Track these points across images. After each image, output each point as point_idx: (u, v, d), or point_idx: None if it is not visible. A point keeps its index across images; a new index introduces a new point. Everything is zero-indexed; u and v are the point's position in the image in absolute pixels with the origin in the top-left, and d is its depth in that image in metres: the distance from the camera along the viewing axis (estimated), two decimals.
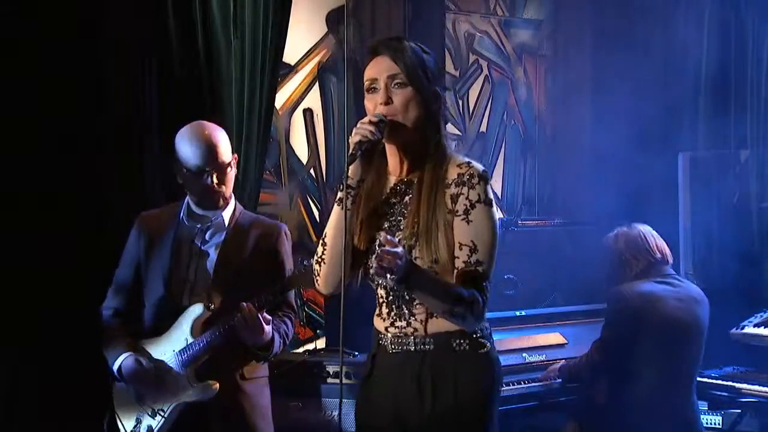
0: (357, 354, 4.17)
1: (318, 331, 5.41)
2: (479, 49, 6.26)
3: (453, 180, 2.56)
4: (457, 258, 2.54)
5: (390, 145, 2.64)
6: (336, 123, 5.55)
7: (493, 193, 2.62)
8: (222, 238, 3.41)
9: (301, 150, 5.48)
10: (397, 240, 2.52)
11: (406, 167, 2.65)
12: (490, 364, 2.62)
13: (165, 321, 3.36)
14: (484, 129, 6.29)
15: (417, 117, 2.59)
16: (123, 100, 4.02)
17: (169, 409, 3.32)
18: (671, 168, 5.49)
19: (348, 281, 2.66)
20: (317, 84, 5.51)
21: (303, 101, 5.47)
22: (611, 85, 5.64)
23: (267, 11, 4.35)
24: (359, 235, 2.65)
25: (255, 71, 4.34)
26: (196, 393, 3.30)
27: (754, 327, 4.76)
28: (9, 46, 3.81)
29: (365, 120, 2.55)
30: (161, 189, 3.98)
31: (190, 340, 3.30)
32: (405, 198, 2.63)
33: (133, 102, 4.04)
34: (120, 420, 3.41)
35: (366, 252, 2.64)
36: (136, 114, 4.04)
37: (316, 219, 5.51)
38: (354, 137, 2.53)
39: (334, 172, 5.55)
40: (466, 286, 2.50)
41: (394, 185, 2.67)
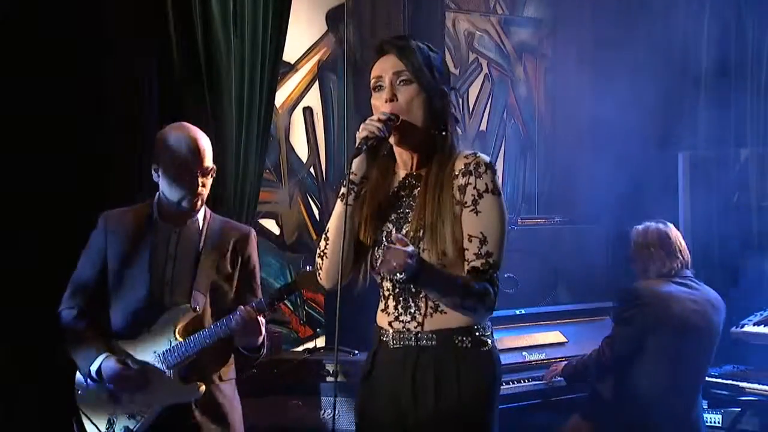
0: (356, 352, 4.18)
1: (318, 330, 5.41)
2: (479, 48, 6.26)
3: (460, 170, 2.58)
4: (467, 250, 2.55)
5: (397, 144, 2.64)
6: (336, 121, 5.55)
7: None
8: (199, 239, 3.38)
9: (301, 148, 5.48)
10: (405, 232, 2.56)
11: (414, 163, 2.66)
12: (491, 361, 2.63)
13: (143, 322, 3.31)
14: (484, 127, 6.29)
15: (422, 114, 2.59)
16: (123, 100, 4.02)
17: (150, 410, 3.28)
18: (671, 167, 5.49)
19: (351, 275, 2.67)
20: (317, 82, 5.51)
21: (303, 100, 5.47)
22: (611, 84, 5.64)
23: (267, 10, 4.36)
24: (365, 228, 2.65)
25: (255, 70, 4.34)
26: (181, 395, 3.27)
27: (754, 325, 4.77)
28: (9, 46, 3.81)
29: (374, 117, 2.56)
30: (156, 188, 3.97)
31: (174, 341, 3.26)
32: (414, 191, 2.64)
33: (133, 102, 4.04)
34: (90, 420, 3.34)
35: (372, 245, 2.65)
36: (136, 114, 4.04)
37: (315, 217, 5.51)
38: (361, 132, 2.54)
39: (334, 170, 5.55)
40: (477, 278, 2.52)
41: (402, 179, 2.68)
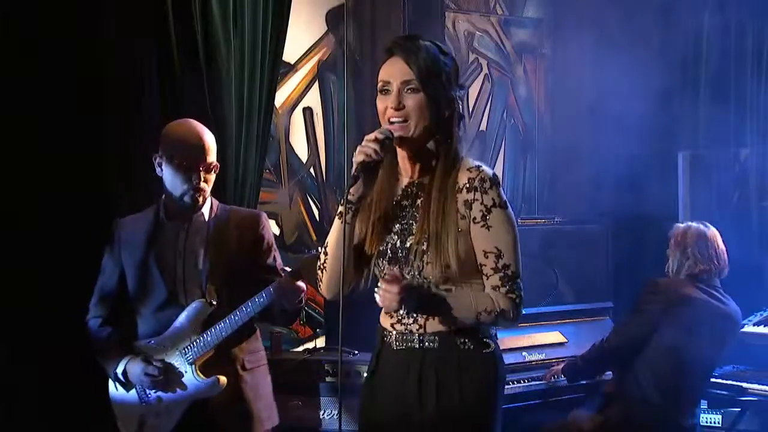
0: (357, 353, 4.18)
1: (318, 330, 5.41)
2: (479, 48, 6.26)
3: (464, 185, 2.57)
4: (484, 266, 2.57)
5: (401, 150, 2.64)
6: (336, 122, 5.55)
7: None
8: (206, 234, 3.40)
9: (301, 149, 5.48)
10: (409, 245, 2.57)
11: (417, 169, 2.66)
12: (494, 363, 2.64)
13: (164, 322, 3.37)
14: (483, 128, 6.29)
15: (428, 123, 2.58)
16: (123, 100, 4.02)
17: (176, 408, 3.33)
18: (671, 167, 5.49)
19: (352, 285, 2.69)
20: (317, 82, 5.51)
21: (303, 100, 5.47)
22: (611, 84, 5.64)
23: (267, 10, 4.36)
24: (370, 238, 2.65)
25: (255, 70, 4.34)
26: (203, 389, 3.31)
27: (753, 326, 4.77)
28: (9, 46, 3.81)
29: (370, 137, 2.54)
30: (162, 189, 3.97)
31: (194, 337, 3.32)
32: (417, 201, 2.63)
33: (133, 102, 4.04)
34: (122, 423, 3.41)
35: (376, 255, 2.65)
36: (136, 114, 4.04)
37: (315, 218, 5.52)
38: (357, 156, 2.53)
39: (334, 170, 5.56)
40: (498, 291, 2.55)
41: (405, 187, 2.67)
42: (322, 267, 2.70)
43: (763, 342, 4.69)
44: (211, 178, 3.39)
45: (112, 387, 3.45)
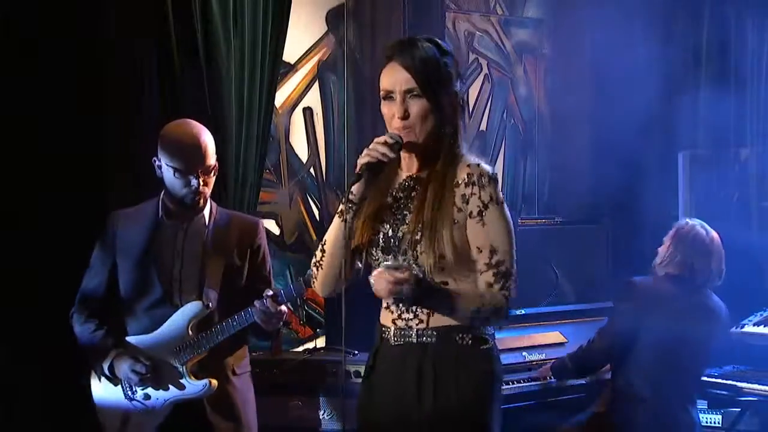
0: (356, 353, 4.18)
1: (318, 330, 5.41)
2: (479, 48, 6.25)
3: (463, 180, 2.58)
4: (478, 261, 2.58)
5: (407, 150, 2.65)
6: (336, 122, 5.54)
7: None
8: (205, 236, 3.40)
9: (301, 149, 5.47)
10: (401, 234, 2.58)
11: (417, 165, 2.67)
12: (491, 360, 2.65)
13: (156, 320, 3.35)
14: (483, 128, 6.29)
15: (433, 125, 2.60)
16: (123, 100, 4.02)
17: (163, 406, 3.32)
18: (671, 167, 5.49)
19: (347, 283, 2.68)
20: (317, 82, 5.51)
21: (303, 100, 5.46)
22: (611, 84, 5.64)
23: (267, 10, 4.36)
24: (361, 230, 2.65)
25: (255, 70, 4.34)
26: (194, 390, 3.31)
27: (754, 326, 4.76)
28: (9, 46, 3.81)
29: (380, 140, 2.55)
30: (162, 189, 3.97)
31: (187, 337, 3.31)
32: (412, 194, 2.64)
33: (133, 102, 4.04)
34: (104, 418, 3.40)
35: (368, 244, 2.65)
36: (136, 114, 4.04)
37: (315, 218, 5.51)
38: (363, 158, 2.55)
39: (334, 171, 5.55)
40: (491, 287, 2.56)
41: (403, 180, 2.68)
42: (318, 264, 2.69)
43: (763, 342, 4.69)
44: (211, 180, 3.38)
45: (94, 381, 3.42)
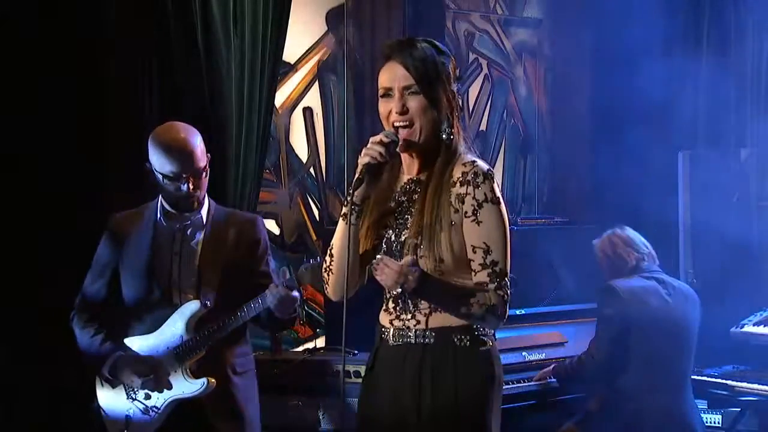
0: (356, 352, 4.17)
1: (318, 330, 5.41)
2: (479, 48, 6.25)
3: (458, 179, 2.57)
4: (473, 261, 2.56)
5: (403, 151, 2.64)
6: (336, 121, 5.55)
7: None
8: (202, 235, 3.39)
9: (301, 149, 5.48)
10: (403, 239, 2.57)
11: (418, 167, 2.66)
12: (490, 361, 2.63)
13: (154, 320, 3.35)
14: (483, 128, 6.29)
15: (432, 123, 2.60)
16: (123, 100, 4.03)
17: (163, 406, 3.32)
18: (671, 167, 5.48)
19: (358, 286, 2.69)
20: (317, 82, 5.51)
21: (303, 100, 5.47)
22: (611, 84, 5.64)
23: (267, 10, 4.36)
24: (366, 236, 2.65)
25: (255, 70, 4.34)
26: (193, 389, 3.30)
27: (753, 326, 4.76)
28: (9, 45, 3.81)
29: (375, 139, 2.55)
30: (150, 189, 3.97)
31: (186, 336, 3.30)
32: (414, 197, 2.64)
33: (133, 102, 4.05)
34: (108, 417, 3.39)
35: (373, 250, 2.65)
36: (136, 114, 4.04)
37: (315, 218, 5.51)
38: (362, 158, 2.54)
39: (333, 171, 5.56)
40: (485, 287, 2.54)
41: (404, 184, 2.68)
42: (328, 270, 2.70)
43: (763, 342, 4.69)
44: (202, 181, 3.35)
45: (98, 384, 3.42)
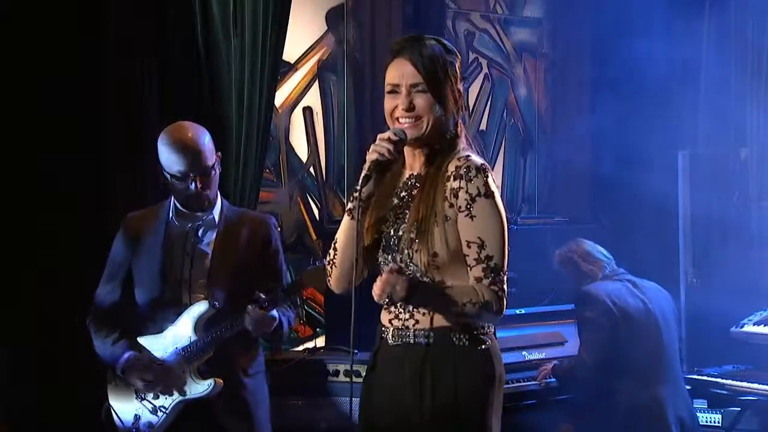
0: (356, 352, 4.17)
1: (318, 330, 5.41)
2: (479, 48, 6.25)
3: (452, 173, 2.57)
4: (467, 256, 2.55)
5: (410, 147, 2.65)
6: (336, 121, 5.55)
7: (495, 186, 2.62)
8: (214, 235, 3.40)
9: (301, 148, 5.48)
10: (401, 234, 2.58)
11: (420, 163, 2.67)
12: (490, 360, 2.63)
13: (164, 320, 3.37)
14: (483, 127, 6.29)
15: (438, 120, 2.60)
16: (123, 100, 4.03)
17: (171, 406, 3.33)
18: (671, 166, 5.49)
19: (360, 280, 2.69)
20: (317, 82, 5.51)
21: (303, 99, 5.47)
22: (611, 84, 5.64)
23: (267, 9, 4.36)
24: (368, 231, 2.66)
25: (255, 70, 4.35)
26: (200, 390, 3.32)
27: (753, 325, 4.76)
28: (8, 46, 3.82)
29: (384, 136, 2.56)
30: (162, 189, 3.98)
31: (194, 337, 3.32)
32: (413, 192, 2.64)
33: (133, 102, 4.05)
34: (118, 416, 3.41)
35: (375, 244, 2.66)
36: (136, 114, 4.04)
37: (315, 217, 5.52)
38: (371, 155, 2.55)
39: (334, 170, 5.56)
40: (480, 282, 2.53)
41: (406, 179, 2.69)
42: (331, 263, 2.71)
43: (763, 342, 4.69)
44: (211, 180, 3.36)
45: (109, 383, 3.44)
